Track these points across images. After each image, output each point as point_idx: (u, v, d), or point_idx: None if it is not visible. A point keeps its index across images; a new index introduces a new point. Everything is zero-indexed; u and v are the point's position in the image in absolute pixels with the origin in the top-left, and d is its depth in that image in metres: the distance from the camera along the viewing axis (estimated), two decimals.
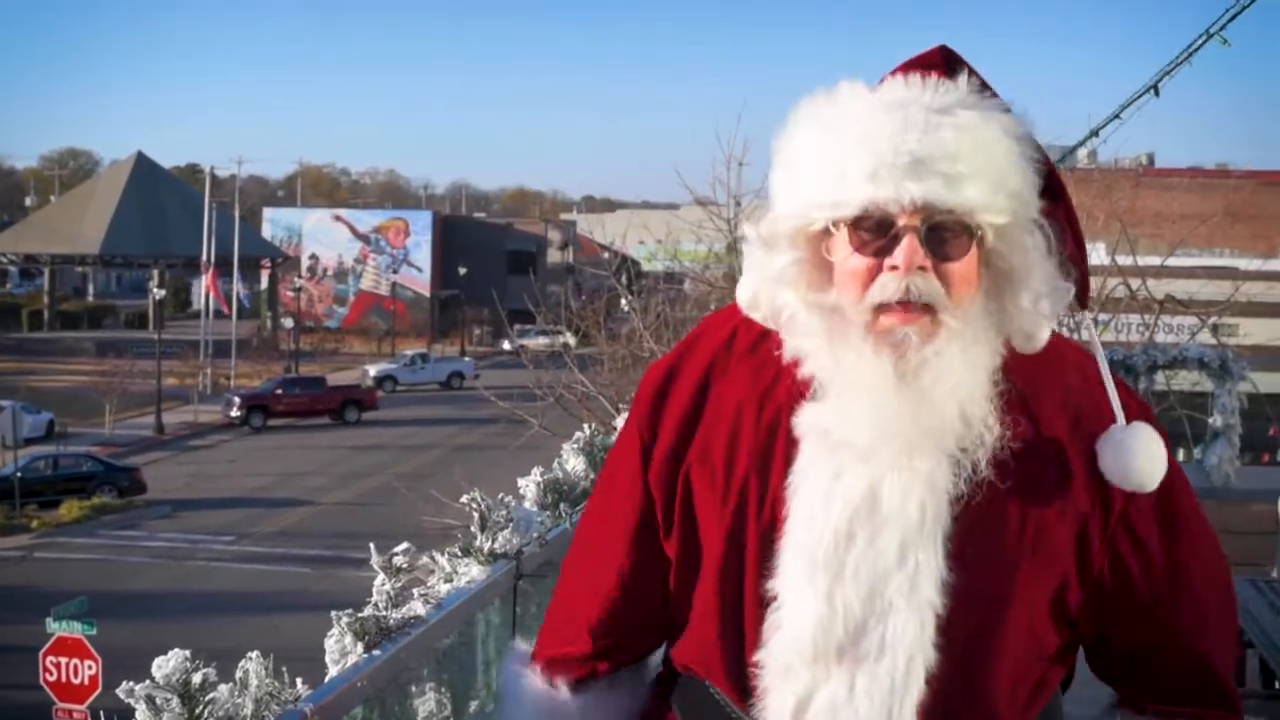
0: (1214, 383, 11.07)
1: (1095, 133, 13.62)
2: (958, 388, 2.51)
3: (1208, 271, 37.57)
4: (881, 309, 2.50)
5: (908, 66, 2.63)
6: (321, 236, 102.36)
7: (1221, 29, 10.18)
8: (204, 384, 71.69)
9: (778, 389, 2.66)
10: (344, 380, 74.31)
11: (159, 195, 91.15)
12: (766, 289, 2.66)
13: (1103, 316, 30.20)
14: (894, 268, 2.47)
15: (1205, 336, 28.66)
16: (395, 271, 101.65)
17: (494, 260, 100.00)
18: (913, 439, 2.50)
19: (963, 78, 2.59)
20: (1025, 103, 2.63)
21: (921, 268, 2.47)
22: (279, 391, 66.43)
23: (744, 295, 2.72)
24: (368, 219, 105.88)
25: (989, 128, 2.54)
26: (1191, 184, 51.04)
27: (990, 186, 2.49)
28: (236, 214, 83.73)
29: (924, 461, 2.52)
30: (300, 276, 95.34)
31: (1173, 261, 35.22)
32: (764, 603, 2.58)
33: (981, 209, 2.48)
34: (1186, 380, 14.26)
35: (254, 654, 3.16)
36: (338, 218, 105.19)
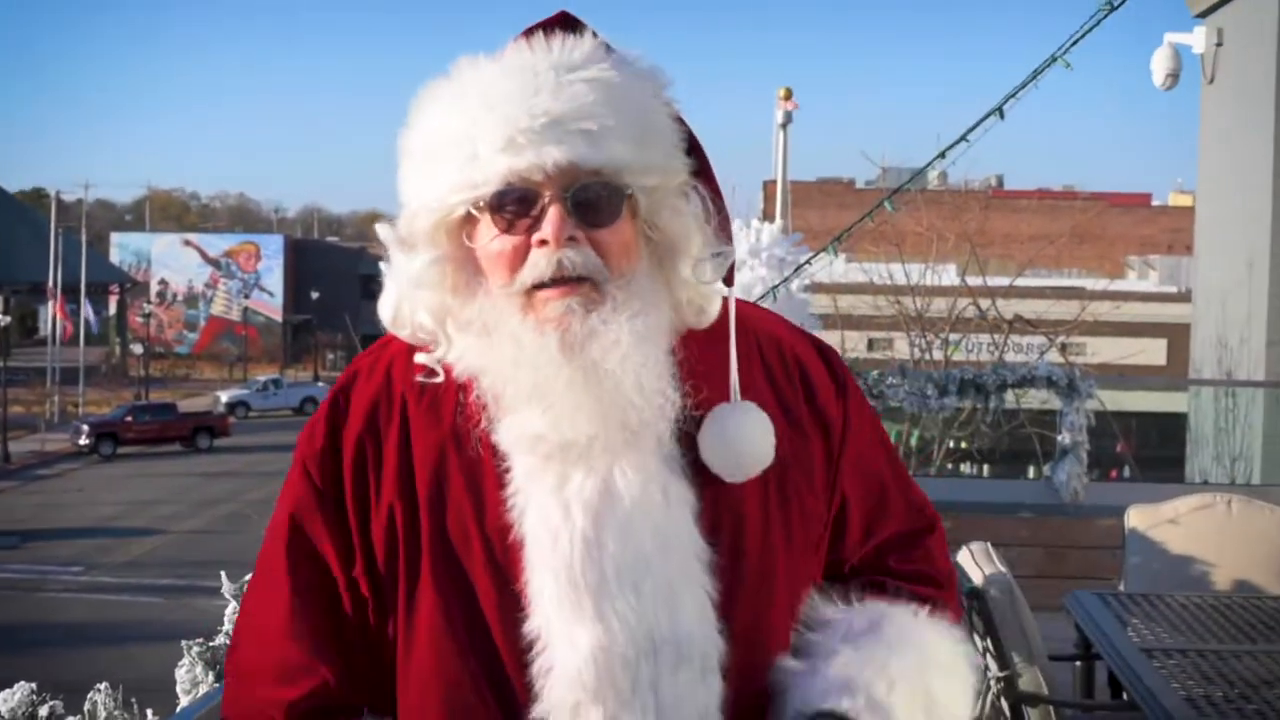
0: (1062, 401, 11.24)
1: (943, 154, 13.81)
2: (628, 358, 2.28)
3: (1056, 292, 38.26)
4: (536, 289, 2.29)
5: (528, 33, 2.40)
6: (171, 261, 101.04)
7: (1065, 53, 10.33)
8: (52, 412, 70.53)
9: (467, 416, 2.37)
10: (195, 406, 73.31)
11: (3, 220, 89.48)
12: (409, 300, 2.41)
13: (953, 336, 30.67)
14: (543, 242, 2.27)
15: (1054, 355, 29.20)
16: (247, 296, 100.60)
17: (347, 284, 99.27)
18: (605, 419, 2.27)
19: (588, 35, 2.38)
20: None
21: (572, 239, 2.27)
22: (129, 419, 65.33)
23: (386, 312, 2.45)
24: (218, 243, 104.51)
25: (626, 83, 2.33)
26: (1039, 206, 52.06)
27: (635, 144, 2.30)
28: (84, 239, 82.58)
29: (648, 441, 2.32)
30: (150, 302, 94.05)
31: (1022, 282, 35.85)
32: (522, 651, 2.28)
33: (629, 168, 2.29)
34: (1036, 399, 14.48)
35: (103, 686, 3.12)
36: (187, 242, 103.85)
